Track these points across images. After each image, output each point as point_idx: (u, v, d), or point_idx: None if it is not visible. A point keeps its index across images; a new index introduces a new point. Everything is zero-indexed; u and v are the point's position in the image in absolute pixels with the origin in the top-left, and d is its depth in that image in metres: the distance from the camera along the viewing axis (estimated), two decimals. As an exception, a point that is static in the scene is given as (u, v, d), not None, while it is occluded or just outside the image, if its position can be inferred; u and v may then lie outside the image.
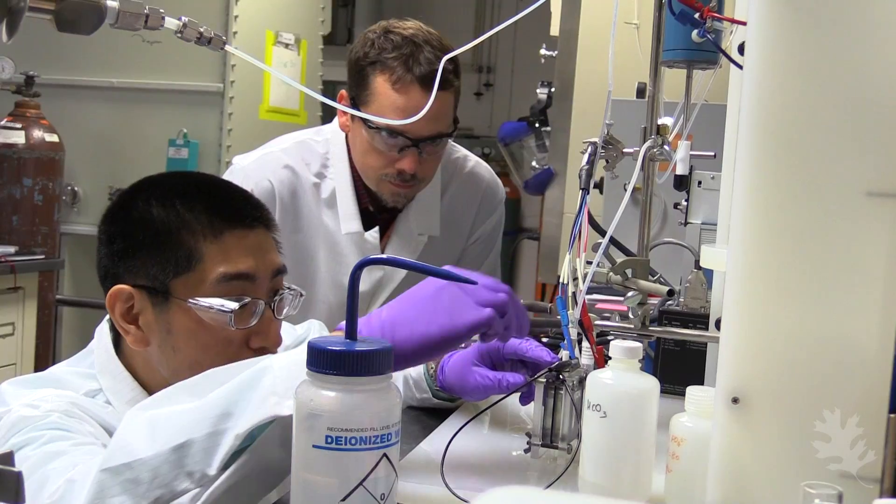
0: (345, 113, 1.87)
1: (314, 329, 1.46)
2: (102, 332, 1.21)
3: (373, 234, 1.90)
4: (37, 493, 0.95)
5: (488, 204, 2.05)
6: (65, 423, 1.05)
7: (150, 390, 1.15)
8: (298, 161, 1.89)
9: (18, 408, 1.06)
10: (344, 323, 0.97)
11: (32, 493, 0.94)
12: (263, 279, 1.16)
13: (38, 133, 3.60)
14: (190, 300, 1.12)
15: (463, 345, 1.14)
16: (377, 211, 1.91)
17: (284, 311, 1.20)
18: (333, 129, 1.93)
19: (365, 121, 1.75)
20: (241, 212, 1.18)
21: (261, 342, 1.16)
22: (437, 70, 1.72)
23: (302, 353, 0.89)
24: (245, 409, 0.88)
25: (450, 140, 1.99)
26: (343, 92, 1.86)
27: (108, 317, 1.21)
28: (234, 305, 1.11)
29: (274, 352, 1.18)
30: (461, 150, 2.06)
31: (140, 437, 0.91)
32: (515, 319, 1.02)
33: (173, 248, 1.13)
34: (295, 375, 0.87)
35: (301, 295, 1.22)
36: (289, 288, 1.21)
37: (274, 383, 0.89)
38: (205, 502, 0.90)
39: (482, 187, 2.04)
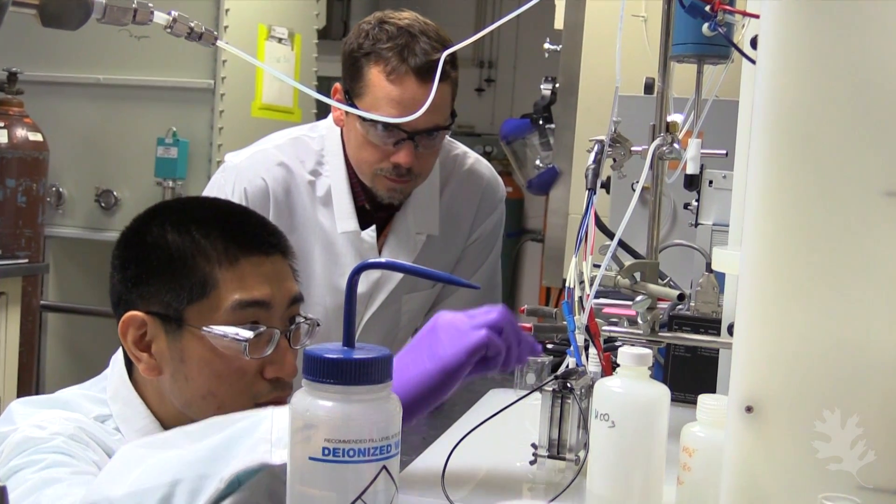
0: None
1: None
2: (117, 358, 1.22)
3: (369, 234, 1.90)
4: None
5: (488, 202, 2.06)
6: (68, 448, 1.07)
7: (161, 420, 1.17)
8: (293, 158, 1.90)
9: (25, 428, 1.08)
10: None
11: None
12: (279, 307, 1.17)
13: (21, 132, 3.60)
14: (203, 328, 1.13)
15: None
16: (374, 209, 1.92)
17: (300, 340, 1.21)
18: (329, 125, 1.94)
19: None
20: (258, 238, 1.19)
21: (275, 372, 1.16)
22: (433, 61, 1.73)
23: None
24: (235, 454, 0.90)
25: (449, 137, 1.99)
26: (337, 85, 1.87)
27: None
28: (248, 334, 1.12)
29: (289, 382, 1.19)
30: (460, 147, 2.07)
31: (127, 473, 0.92)
32: (514, 336, 1.03)
33: (188, 274, 1.14)
34: None
35: (317, 325, 1.23)
36: (305, 317, 1.22)
37: (269, 430, 0.89)
38: None
39: (482, 185, 2.05)
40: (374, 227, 1.91)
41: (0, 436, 1.10)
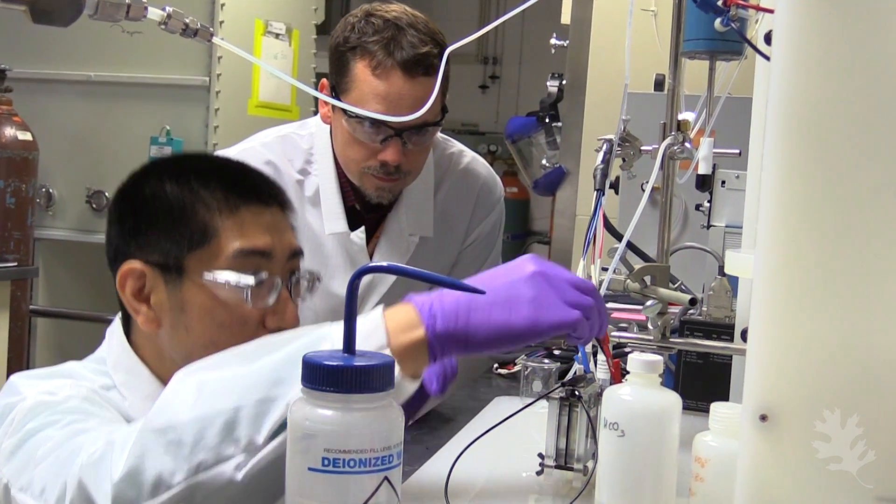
0: (326, 103, 1.87)
1: None
2: (114, 328, 1.23)
3: (359, 235, 1.90)
4: (66, 463, 0.97)
5: (485, 203, 2.06)
6: (86, 409, 1.07)
7: (164, 381, 1.16)
8: (281, 156, 1.90)
9: (34, 395, 1.09)
10: (412, 294, 0.98)
11: (61, 463, 0.97)
12: (280, 258, 1.19)
13: (9, 131, 3.60)
14: (205, 274, 1.14)
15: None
16: (365, 210, 1.92)
17: (301, 292, 1.23)
18: (318, 123, 1.94)
19: (345, 110, 1.75)
20: (257, 188, 1.21)
21: (277, 322, 1.17)
22: (420, 55, 1.73)
23: (362, 322, 0.90)
24: (298, 375, 0.89)
25: (447, 135, 1.99)
26: (324, 80, 1.87)
27: (118, 316, 1.24)
28: (250, 280, 1.14)
29: None
30: (456, 146, 2.06)
31: (186, 400, 0.93)
32: (599, 321, 1.03)
33: (188, 222, 1.16)
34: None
35: (318, 280, 1.25)
36: (307, 271, 1.23)
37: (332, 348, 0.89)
38: (249, 471, 0.90)
39: (478, 185, 2.04)
40: (363, 228, 1.91)
41: (7, 406, 1.09)
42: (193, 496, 0.91)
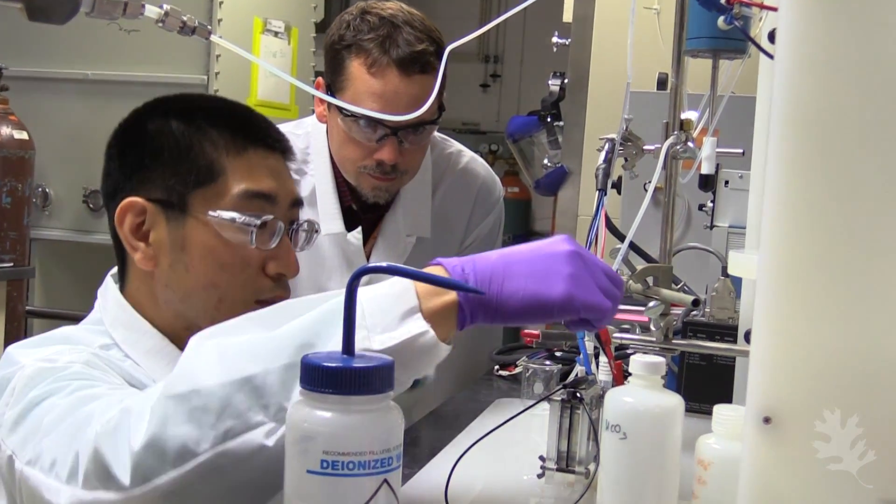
0: (322, 102, 1.87)
1: None
2: (108, 286, 1.22)
3: (355, 235, 1.90)
4: (77, 433, 0.92)
5: (484, 203, 2.06)
6: (90, 374, 1.04)
7: (164, 333, 1.16)
8: None
9: (33, 363, 1.05)
10: (441, 258, 0.96)
11: (72, 434, 0.93)
12: (283, 204, 1.20)
13: (6, 130, 3.61)
14: (210, 212, 1.14)
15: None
16: (362, 210, 1.92)
17: (300, 242, 1.24)
18: (314, 122, 1.94)
19: (341, 109, 1.75)
20: (264, 132, 1.22)
21: (278, 268, 1.18)
22: (416, 52, 1.73)
23: (391, 286, 0.90)
24: (329, 340, 0.87)
25: (445, 135, 1.99)
26: (319, 79, 1.87)
27: (110, 272, 1.23)
28: (256, 221, 1.14)
29: (288, 282, 1.21)
30: (455, 145, 2.06)
31: (208, 365, 0.89)
32: (614, 316, 1.01)
33: (194, 159, 1.15)
34: (385, 309, 0.89)
35: (317, 231, 1.27)
36: (305, 221, 1.25)
37: (362, 315, 0.88)
38: (281, 439, 0.85)
39: (476, 185, 2.04)
40: (360, 228, 1.91)
41: (5, 377, 1.05)
42: (221, 464, 0.87)
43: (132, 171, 1.18)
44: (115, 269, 1.23)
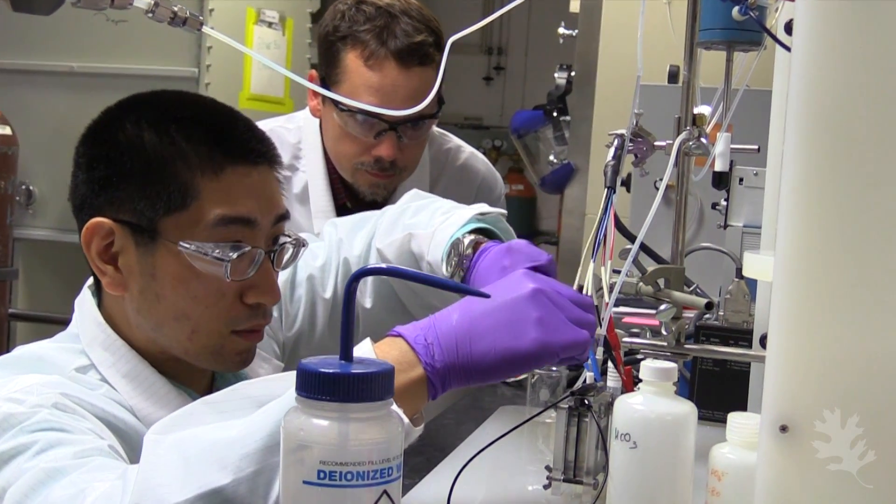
0: (315, 96, 1.87)
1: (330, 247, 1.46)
2: (84, 300, 1.19)
3: None
4: None
5: (484, 201, 2.05)
6: (57, 422, 1.01)
7: (140, 353, 1.14)
8: None
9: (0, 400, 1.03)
10: (399, 326, 0.95)
11: None
12: (265, 225, 1.15)
13: (-12, 125, 3.61)
14: (181, 243, 1.10)
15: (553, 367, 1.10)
16: (357, 208, 1.92)
17: (284, 261, 1.20)
18: (306, 116, 1.94)
19: (336, 103, 1.75)
20: (246, 145, 1.16)
21: (257, 297, 1.14)
22: (415, 43, 1.73)
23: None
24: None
25: (444, 130, 1.99)
26: (313, 72, 1.87)
27: (87, 283, 1.21)
28: (231, 254, 1.10)
29: (270, 309, 1.18)
30: (454, 141, 2.06)
31: (173, 475, 0.88)
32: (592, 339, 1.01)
33: (166, 181, 1.11)
34: None
35: (303, 245, 1.22)
36: (290, 236, 1.20)
37: None
38: None
39: (476, 182, 2.04)
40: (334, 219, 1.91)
41: None
42: None
43: (100, 187, 1.13)
44: (92, 280, 1.21)
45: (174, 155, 1.11)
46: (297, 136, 1.93)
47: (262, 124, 1.97)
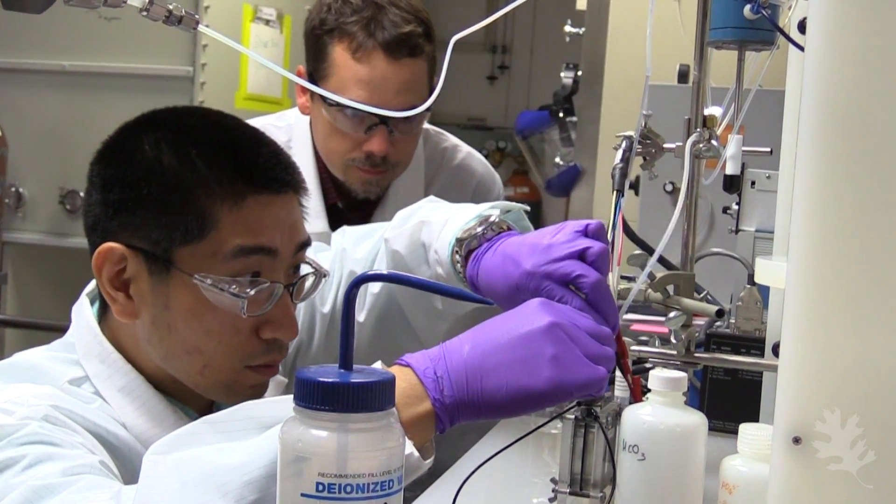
0: (304, 93, 1.87)
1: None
2: (81, 309, 1.18)
3: None
4: None
5: (481, 202, 2.05)
6: (47, 436, 1.01)
7: (143, 372, 1.13)
8: None
9: None
10: (408, 355, 0.94)
11: None
12: (286, 255, 1.14)
13: (-24, 125, 3.61)
14: (197, 276, 1.08)
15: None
16: (348, 208, 1.91)
17: (304, 293, 1.19)
18: (297, 114, 1.94)
19: (325, 99, 1.75)
20: (270, 174, 1.14)
21: (274, 332, 1.13)
22: (403, 34, 1.73)
23: None
24: None
25: (439, 128, 1.99)
26: (301, 67, 1.87)
27: (85, 290, 1.20)
28: (248, 291, 1.09)
29: (287, 343, 1.17)
30: (450, 140, 2.06)
31: (170, 494, 0.87)
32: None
33: (183, 209, 1.09)
34: None
35: (325, 276, 1.21)
36: (312, 266, 1.19)
37: None
38: None
39: (473, 182, 2.04)
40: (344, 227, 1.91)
41: None
42: None
43: (115, 210, 1.12)
44: (91, 286, 1.20)
45: (194, 182, 1.10)
46: (287, 134, 1.93)
47: (252, 122, 1.98)
